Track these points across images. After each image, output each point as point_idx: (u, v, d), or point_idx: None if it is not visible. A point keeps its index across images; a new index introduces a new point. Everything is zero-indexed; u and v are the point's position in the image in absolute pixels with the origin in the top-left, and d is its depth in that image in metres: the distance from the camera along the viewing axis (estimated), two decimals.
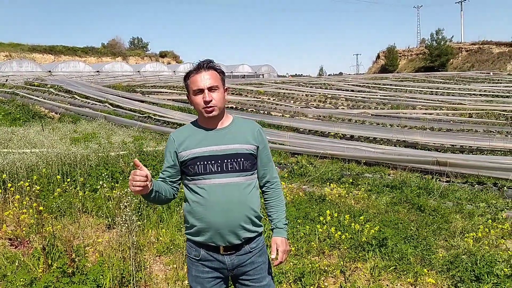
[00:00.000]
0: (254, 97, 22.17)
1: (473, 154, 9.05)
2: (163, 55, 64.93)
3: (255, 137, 2.00)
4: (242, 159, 1.92)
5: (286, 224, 2.10)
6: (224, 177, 1.89)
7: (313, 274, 3.46)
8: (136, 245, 3.40)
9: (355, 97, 22.13)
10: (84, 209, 5.02)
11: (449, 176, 7.36)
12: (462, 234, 4.55)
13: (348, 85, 28.33)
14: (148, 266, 3.64)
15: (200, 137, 1.95)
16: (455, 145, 9.93)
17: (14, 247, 4.03)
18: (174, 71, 51.67)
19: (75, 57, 51.69)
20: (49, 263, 3.26)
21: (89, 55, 55.13)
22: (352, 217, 4.68)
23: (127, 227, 3.25)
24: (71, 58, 50.94)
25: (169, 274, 3.58)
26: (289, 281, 3.44)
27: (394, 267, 3.71)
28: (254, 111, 17.75)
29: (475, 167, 7.33)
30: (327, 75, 72.41)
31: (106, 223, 4.69)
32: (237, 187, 1.91)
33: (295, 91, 25.39)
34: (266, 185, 2.09)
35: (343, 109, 18.41)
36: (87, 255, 3.68)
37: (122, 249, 3.64)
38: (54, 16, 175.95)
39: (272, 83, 31.57)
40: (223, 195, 1.88)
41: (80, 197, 5.13)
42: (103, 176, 5.83)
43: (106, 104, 17.82)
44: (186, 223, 2.00)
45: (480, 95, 22.88)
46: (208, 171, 1.89)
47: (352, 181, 6.94)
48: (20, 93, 21.15)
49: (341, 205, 5.46)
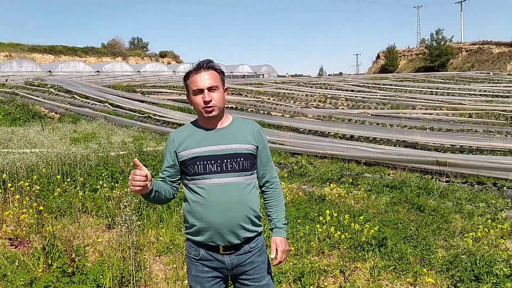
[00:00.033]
0: (254, 97, 22.16)
1: (473, 154, 9.05)
2: (163, 55, 64.92)
3: (255, 137, 2.00)
4: (241, 159, 1.92)
5: (285, 224, 2.11)
6: (223, 177, 1.90)
7: (312, 274, 3.46)
8: (136, 245, 3.40)
9: (355, 97, 22.12)
10: (84, 209, 5.03)
11: (449, 176, 7.37)
12: (461, 234, 4.56)
13: (348, 85, 28.32)
14: (148, 266, 3.65)
15: (200, 137, 1.95)
16: (455, 145, 9.93)
17: (14, 247, 4.03)
18: (174, 71, 51.66)
19: (75, 57, 51.68)
20: (49, 263, 3.26)
21: (89, 55, 55.12)
22: (351, 217, 4.68)
23: (127, 227, 3.25)
24: (71, 58, 50.92)
25: (169, 274, 3.59)
26: (289, 281, 3.44)
27: (393, 267, 3.71)
28: (254, 111, 17.74)
29: (475, 167, 7.34)
30: (327, 75, 72.33)
31: (106, 223, 4.69)
32: (237, 187, 1.91)
33: (295, 91, 25.39)
34: (265, 185, 2.09)
35: (343, 109, 18.41)
36: (87, 255, 3.69)
37: (122, 249, 3.64)
38: (54, 16, 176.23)
39: (272, 83, 31.56)
40: (222, 195, 1.89)
41: (80, 197, 5.13)
42: (103, 176, 5.83)
43: (106, 104, 17.82)
44: (186, 222, 2.01)
45: (480, 95, 22.88)
46: (207, 171, 1.90)
47: (352, 181, 6.95)
48: (20, 93, 21.15)
49: (341, 205, 5.46)
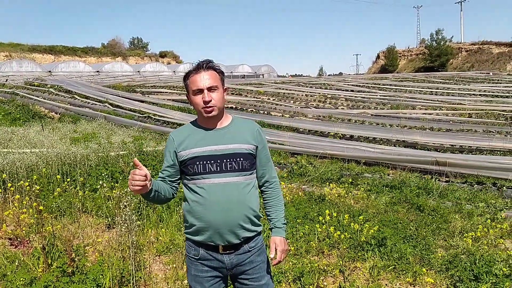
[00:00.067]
0: (254, 97, 22.15)
1: (472, 154, 9.05)
2: (163, 55, 64.90)
3: (255, 137, 2.01)
4: (241, 159, 1.93)
5: (285, 223, 2.11)
6: (223, 176, 1.90)
7: (312, 273, 3.47)
8: (135, 244, 3.41)
9: (355, 97, 22.11)
10: (84, 209, 5.03)
11: (449, 176, 7.37)
12: (461, 234, 4.56)
13: (347, 85, 28.31)
14: (147, 265, 3.65)
15: (199, 137, 1.96)
16: (455, 145, 9.93)
17: (14, 246, 4.04)
18: (174, 71, 51.63)
19: (75, 57, 51.67)
20: (49, 263, 3.27)
21: (89, 55, 55.10)
22: (351, 217, 4.69)
23: (127, 227, 3.26)
24: (71, 58, 50.91)
25: (169, 273, 3.59)
26: (289, 281, 3.45)
27: (393, 267, 3.72)
28: (254, 111, 17.73)
29: (475, 167, 7.34)
30: (327, 75, 72.31)
31: (106, 223, 4.70)
32: (236, 186, 1.92)
33: (295, 91, 25.38)
34: (265, 184, 2.10)
35: (343, 109, 18.40)
36: (87, 254, 3.69)
37: (121, 248, 3.65)
38: (54, 16, 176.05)
39: (272, 83, 31.53)
40: (222, 195, 1.89)
41: (80, 197, 5.14)
42: (103, 176, 5.84)
43: (106, 104, 17.82)
44: (185, 222, 2.01)
45: (479, 95, 22.87)
46: (207, 170, 1.90)
47: (351, 181, 6.95)
48: (20, 93, 21.15)
49: (341, 205, 5.47)
